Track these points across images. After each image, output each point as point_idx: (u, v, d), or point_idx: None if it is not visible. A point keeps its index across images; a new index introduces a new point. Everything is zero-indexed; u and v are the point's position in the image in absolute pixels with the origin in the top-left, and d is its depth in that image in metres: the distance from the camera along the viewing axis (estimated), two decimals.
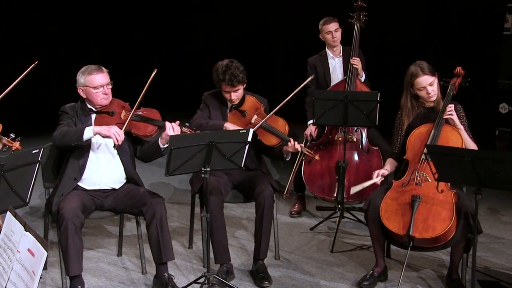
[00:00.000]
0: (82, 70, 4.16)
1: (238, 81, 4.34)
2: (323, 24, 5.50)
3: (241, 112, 4.48)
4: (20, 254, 2.06)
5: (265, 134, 4.41)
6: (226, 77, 4.32)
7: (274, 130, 4.40)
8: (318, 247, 4.90)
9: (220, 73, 4.35)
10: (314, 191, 5.34)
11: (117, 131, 3.91)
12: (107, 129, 3.92)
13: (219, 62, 4.44)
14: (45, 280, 4.19)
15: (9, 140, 3.54)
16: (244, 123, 4.45)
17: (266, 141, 4.41)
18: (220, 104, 4.57)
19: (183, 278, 4.26)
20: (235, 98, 4.44)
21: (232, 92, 4.39)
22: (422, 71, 4.16)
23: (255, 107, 4.50)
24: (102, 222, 5.26)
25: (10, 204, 2.80)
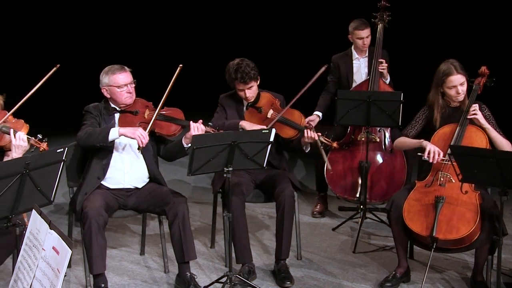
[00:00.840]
0: (105, 70, 4.19)
1: (250, 77, 4.36)
2: (355, 28, 5.41)
3: (257, 108, 4.49)
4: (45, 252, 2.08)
5: (282, 127, 4.41)
6: (238, 75, 4.35)
7: (291, 122, 4.41)
8: (340, 247, 4.88)
9: (232, 72, 4.39)
10: (336, 191, 5.32)
11: (142, 133, 3.94)
12: (132, 131, 3.95)
13: (230, 62, 4.47)
14: (69, 278, 4.23)
15: (37, 140, 3.58)
16: (260, 119, 4.46)
17: (284, 134, 4.41)
18: (236, 104, 4.59)
19: (205, 278, 4.27)
20: (250, 96, 4.45)
21: (246, 89, 4.41)
22: (456, 69, 4.10)
23: (271, 103, 4.51)
24: (125, 221, 5.30)
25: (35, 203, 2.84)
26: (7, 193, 3.00)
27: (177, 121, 4.17)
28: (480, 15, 7.54)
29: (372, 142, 5.23)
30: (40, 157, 3.22)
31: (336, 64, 5.55)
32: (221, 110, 4.61)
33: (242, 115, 4.55)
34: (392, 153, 5.30)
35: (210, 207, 4.90)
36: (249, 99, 4.48)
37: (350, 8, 5.84)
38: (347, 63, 5.53)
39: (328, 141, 4.40)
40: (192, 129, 4.07)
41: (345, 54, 5.57)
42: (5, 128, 3.57)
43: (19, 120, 3.68)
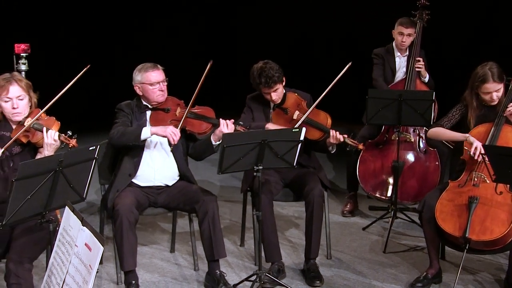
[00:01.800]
0: (138, 68, 4.23)
1: (274, 81, 4.33)
2: (400, 23, 5.36)
3: (283, 110, 4.47)
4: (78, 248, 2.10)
5: (308, 129, 4.37)
6: (262, 79, 4.32)
7: (316, 123, 4.37)
8: (371, 247, 4.84)
9: (256, 76, 4.36)
10: (367, 189, 5.28)
11: (173, 130, 3.96)
12: (163, 129, 3.99)
13: (254, 65, 4.44)
14: (100, 274, 4.27)
15: (66, 137, 3.62)
16: (287, 120, 4.44)
17: (310, 135, 4.37)
18: (263, 105, 4.57)
19: (234, 276, 4.28)
20: (276, 98, 4.43)
21: (271, 92, 4.39)
22: (492, 77, 4.02)
23: (297, 103, 4.49)
24: (156, 218, 5.34)
25: (68, 200, 2.87)
26: (41, 190, 3.04)
27: (208, 119, 4.19)
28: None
29: (407, 142, 5.19)
30: (73, 154, 3.26)
31: (381, 55, 5.49)
32: (248, 111, 4.61)
33: (268, 116, 4.54)
34: (426, 154, 5.24)
35: (240, 206, 4.91)
36: (275, 101, 4.46)
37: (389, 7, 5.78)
38: (390, 59, 5.48)
39: (354, 142, 4.35)
40: (222, 125, 4.07)
41: (386, 50, 5.51)
42: (37, 126, 3.62)
43: (51, 117, 3.73)
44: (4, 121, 3.71)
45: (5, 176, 3.58)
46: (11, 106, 3.62)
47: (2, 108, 3.64)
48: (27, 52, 5.68)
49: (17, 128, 3.65)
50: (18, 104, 3.62)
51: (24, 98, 3.65)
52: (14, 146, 3.62)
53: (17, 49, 5.65)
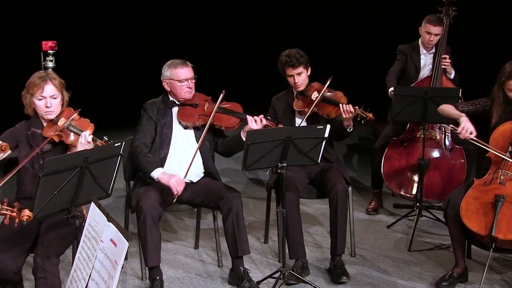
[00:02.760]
0: (168, 64, 4.26)
1: (300, 62, 4.42)
2: (428, 21, 5.29)
3: (304, 95, 4.52)
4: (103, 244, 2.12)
5: (324, 106, 4.42)
6: (288, 59, 4.42)
7: (332, 100, 4.40)
8: (395, 245, 4.81)
9: (282, 58, 4.47)
10: (392, 187, 5.25)
11: (177, 181, 3.98)
12: (167, 179, 3.99)
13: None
14: (125, 269, 4.31)
15: (103, 142, 3.65)
16: (306, 102, 4.48)
17: (325, 111, 4.41)
18: (287, 98, 4.63)
19: (258, 273, 4.28)
20: (299, 82, 4.47)
21: (295, 75, 4.44)
22: None
23: (318, 88, 4.51)
24: (180, 215, 5.36)
25: (94, 195, 2.90)
26: (67, 186, 3.08)
27: (236, 114, 4.20)
28: None
29: (432, 139, 5.15)
30: (99, 151, 3.29)
31: (404, 52, 5.44)
32: (271, 112, 4.67)
33: (293, 109, 4.55)
34: (452, 151, 5.20)
35: (264, 202, 4.91)
36: (298, 86, 4.48)
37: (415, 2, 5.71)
38: (415, 56, 5.43)
39: (364, 113, 4.33)
40: (250, 122, 4.08)
41: (412, 47, 5.46)
42: (72, 127, 3.65)
43: (85, 119, 3.75)
44: (35, 118, 3.75)
45: (35, 173, 3.63)
46: (45, 105, 3.66)
47: (36, 105, 3.69)
48: (54, 49, 5.75)
49: (49, 125, 3.70)
50: (52, 103, 3.66)
51: (58, 97, 3.69)
52: (45, 144, 3.66)
53: (44, 46, 5.72)
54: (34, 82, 3.66)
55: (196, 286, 4.12)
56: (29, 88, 3.67)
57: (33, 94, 3.65)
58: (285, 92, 4.68)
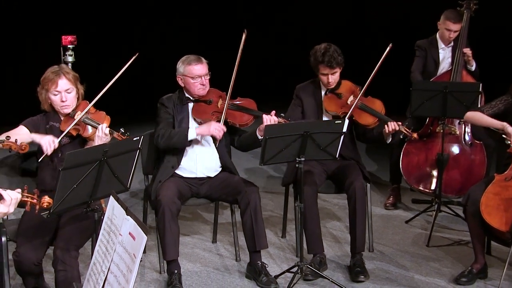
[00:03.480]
0: (182, 60, 4.26)
1: (337, 63, 4.31)
2: (447, 18, 5.21)
3: (337, 94, 4.44)
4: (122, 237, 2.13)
5: (362, 114, 4.36)
6: (325, 58, 4.29)
7: (371, 109, 4.35)
8: (414, 240, 4.79)
9: (319, 55, 4.32)
10: (411, 182, 5.21)
11: (217, 127, 4.01)
12: (207, 129, 4.05)
13: (316, 46, 4.42)
14: (144, 263, 4.34)
15: (119, 134, 3.67)
16: (339, 105, 4.40)
17: (363, 121, 4.35)
18: (314, 91, 4.53)
19: (276, 267, 4.28)
20: (332, 81, 4.40)
21: (329, 74, 4.35)
22: None
23: (352, 90, 4.45)
24: (198, 209, 5.38)
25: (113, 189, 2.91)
26: (86, 180, 3.10)
27: (249, 111, 4.19)
28: None
29: (451, 134, 5.11)
30: (117, 145, 3.31)
31: (423, 48, 5.39)
32: (296, 101, 4.57)
33: (320, 102, 4.50)
34: (472, 146, 5.15)
35: (282, 197, 4.91)
36: (331, 85, 4.42)
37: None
38: (433, 51, 5.38)
39: (408, 131, 4.31)
40: (265, 121, 4.07)
41: (430, 42, 5.41)
42: (88, 120, 3.68)
43: (101, 112, 3.78)
44: (53, 112, 3.79)
45: (54, 166, 3.67)
46: (60, 99, 3.69)
47: (51, 100, 3.72)
48: (74, 44, 5.78)
49: (66, 119, 3.73)
50: (67, 97, 3.69)
51: (72, 91, 3.72)
52: (63, 138, 3.70)
53: (64, 41, 5.75)
54: (48, 77, 3.69)
55: (214, 280, 4.14)
56: (43, 83, 3.71)
57: (48, 89, 3.68)
58: (310, 83, 4.56)
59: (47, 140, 3.57)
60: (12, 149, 3.49)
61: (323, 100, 4.46)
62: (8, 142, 3.45)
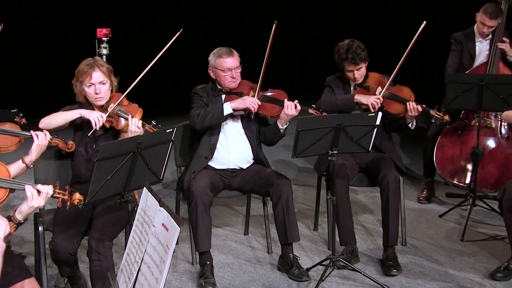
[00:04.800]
0: (213, 52, 4.27)
1: (361, 59, 4.30)
2: (484, 11, 5.11)
3: (365, 88, 4.42)
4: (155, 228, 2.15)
5: (391, 103, 4.33)
6: (349, 55, 4.29)
7: (400, 97, 4.32)
8: (447, 235, 4.73)
9: (342, 52, 4.33)
10: (445, 176, 5.15)
11: (252, 100, 4.05)
12: (242, 102, 4.08)
13: (339, 43, 4.42)
14: (176, 254, 4.37)
15: (151, 127, 3.70)
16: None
17: (393, 109, 4.32)
18: (343, 84, 4.53)
19: (308, 260, 4.28)
20: (359, 77, 4.38)
21: (355, 70, 4.35)
22: None
23: (379, 81, 4.43)
24: (230, 201, 5.40)
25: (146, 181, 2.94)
26: (120, 171, 3.13)
27: (281, 102, 4.18)
28: None
29: (487, 127, 5.02)
30: (151, 137, 3.33)
31: (459, 41, 5.31)
32: (329, 91, 4.56)
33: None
34: (509, 140, 5.05)
35: (314, 190, 4.90)
36: (357, 80, 4.41)
37: None
38: (469, 44, 5.29)
39: (439, 114, 4.27)
40: (286, 108, 4.06)
41: (466, 35, 5.31)
42: (121, 112, 3.72)
43: (133, 104, 3.82)
44: (87, 104, 3.84)
45: (88, 157, 3.73)
46: (94, 91, 3.73)
47: (86, 92, 3.76)
48: (108, 37, 5.84)
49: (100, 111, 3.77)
50: (101, 89, 3.74)
51: (106, 83, 3.76)
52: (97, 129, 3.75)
53: (98, 33, 5.82)
54: (82, 69, 3.73)
55: (246, 272, 4.15)
56: (78, 76, 3.75)
57: (82, 81, 3.73)
58: (340, 77, 4.55)
59: (95, 115, 3.64)
60: (59, 147, 3.56)
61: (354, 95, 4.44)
62: (56, 140, 3.53)
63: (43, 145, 3.44)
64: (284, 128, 4.15)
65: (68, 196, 2.99)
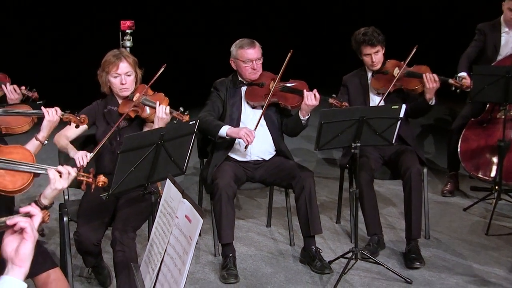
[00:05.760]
0: (235, 43, 4.27)
1: (378, 40, 4.33)
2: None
3: (383, 72, 4.44)
4: (178, 220, 2.16)
5: (409, 80, 4.34)
6: (366, 38, 4.33)
7: (418, 73, 4.32)
8: (472, 228, 4.68)
9: (359, 37, 4.37)
10: (469, 169, 5.09)
11: (247, 132, 3.99)
12: (237, 132, 4.02)
13: (355, 31, 4.46)
14: (199, 245, 4.40)
15: (179, 113, 3.71)
16: (387, 79, 4.40)
17: (412, 85, 4.33)
18: (360, 77, 4.54)
19: (330, 252, 4.27)
20: (376, 61, 4.39)
21: (372, 54, 4.35)
22: None
23: (396, 64, 4.43)
24: (253, 193, 5.41)
25: (169, 172, 2.96)
26: (144, 163, 3.15)
27: (302, 92, 4.16)
28: None
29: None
30: (174, 128, 3.35)
31: (483, 32, 5.24)
32: (343, 90, 4.58)
33: (366, 85, 4.49)
34: None
35: (337, 182, 4.88)
36: (375, 65, 4.40)
37: None
38: (494, 35, 5.21)
39: (458, 82, 4.31)
40: (305, 98, 4.04)
41: (492, 25, 5.24)
42: (148, 101, 3.74)
43: (159, 93, 3.85)
44: (111, 96, 3.87)
45: (113, 149, 3.76)
46: (120, 82, 3.76)
47: (111, 83, 3.79)
48: (132, 29, 5.87)
49: (124, 102, 3.80)
50: (126, 80, 3.77)
51: (132, 74, 3.79)
52: (121, 121, 3.77)
53: (122, 25, 5.85)
54: (109, 60, 3.76)
55: (268, 264, 4.16)
56: (104, 66, 3.78)
57: (108, 72, 3.76)
58: (356, 72, 4.58)
59: (79, 155, 3.52)
60: (72, 122, 3.55)
61: (371, 82, 4.46)
62: (68, 115, 3.51)
63: (54, 121, 3.41)
64: (305, 119, 4.14)
65: (93, 178, 2.99)
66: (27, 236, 1.86)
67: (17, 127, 3.53)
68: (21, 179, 2.73)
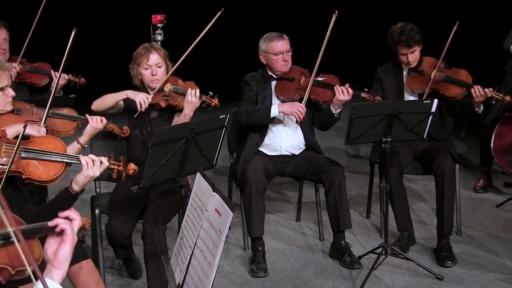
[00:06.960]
0: (264, 37, 4.27)
1: (415, 41, 4.21)
2: None
3: (419, 72, 4.33)
4: (208, 213, 2.17)
5: (448, 86, 4.23)
6: (402, 38, 4.20)
7: (456, 80, 4.21)
8: (505, 225, 4.61)
9: (395, 35, 4.25)
10: (502, 165, 5.01)
11: (299, 108, 3.99)
12: (289, 108, 4.03)
13: (392, 26, 4.34)
14: (229, 239, 4.41)
15: (208, 97, 3.78)
16: (423, 81, 4.29)
17: (450, 93, 4.22)
18: (395, 72, 4.44)
19: (360, 247, 4.25)
20: (412, 60, 4.29)
21: (409, 53, 4.26)
22: None
23: (434, 64, 4.31)
24: (282, 187, 5.40)
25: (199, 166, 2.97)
26: (174, 156, 3.17)
27: (331, 87, 4.13)
28: None
29: None
30: (204, 122, 3.36)
31: None
32: (377, 85, 4.50)
33: (401, 82, 4.41)
34: None
35: (367, 177, 4.85)
36: (411, 64, 4.31)
37: None
38: None
39: (499, 95, 4.13)
40: (337, 93, 4.02)
41: None
42: (178, 89, 3.80)
43: (190, 82, 3.90)
44: (142, 88, 3.91)
45: (143, 139, 3.80)
46: (151, 73, 3.81)
47: (142, 75, 3.84)
48: (163, 23, 5.90)
49: (155, 93, 3.84)
50: (157, 71, 3.81)
51: (162, 66, 3.84)
52: (152, 111, 3.82)
53: (154, 19, 5.88)
54: (140, 52, 3.83)
55: (297, 258, 4.15)
56: (135, 58, 3.84)
57: (140, 64, 3.81)
58: (391, 65, 4.49)
59: (141, 97, 3.73)
60: (115, 132, 3.65)
61: (406, 80, 4.36)
62: (112, 125, 3.63)
63: (98, 128, 3.51)
64: (337, 113, 4.12)
65: (123, 167, 3.02)
66: (66, 238, 1.90)
67: (63, 130, 3.59)
68: (54, 168, 2.77)
